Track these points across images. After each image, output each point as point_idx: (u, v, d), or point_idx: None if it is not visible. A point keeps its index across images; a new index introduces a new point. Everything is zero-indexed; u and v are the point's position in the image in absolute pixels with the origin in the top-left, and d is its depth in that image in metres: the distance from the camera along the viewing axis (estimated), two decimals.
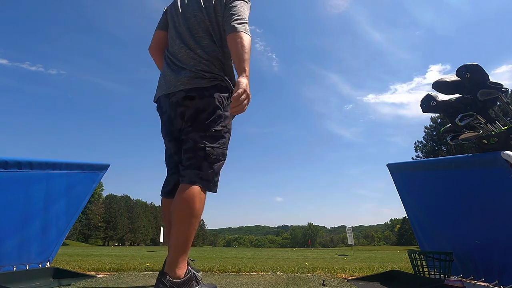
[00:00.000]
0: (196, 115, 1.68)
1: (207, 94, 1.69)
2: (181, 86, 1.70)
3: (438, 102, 2.51)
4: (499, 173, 2.04)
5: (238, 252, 13.64)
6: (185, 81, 1.70)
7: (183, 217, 1.56)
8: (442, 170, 2.60)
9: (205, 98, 1.68)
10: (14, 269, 2.39)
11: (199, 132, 1.67)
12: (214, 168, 1.67)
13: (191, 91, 1.69)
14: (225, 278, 2.78)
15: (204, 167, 1.64)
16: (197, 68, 1.72)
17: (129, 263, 4.25)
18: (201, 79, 1.70)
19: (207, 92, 1.69)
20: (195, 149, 1.65)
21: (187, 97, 1.68)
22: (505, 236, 2.14)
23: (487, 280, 2.24)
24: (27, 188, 2.43)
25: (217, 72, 1.74)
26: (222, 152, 1.72)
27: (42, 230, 2.61)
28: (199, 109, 1.68)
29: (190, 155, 1.66)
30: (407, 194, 3.12)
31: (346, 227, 16.90)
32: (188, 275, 1.56)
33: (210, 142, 1.67)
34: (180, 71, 1.75)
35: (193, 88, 1.69)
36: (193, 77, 1.70)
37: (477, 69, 2.32)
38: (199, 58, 1.74)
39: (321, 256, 10.02)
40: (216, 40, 1.79)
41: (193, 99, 1.68)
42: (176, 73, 1.76)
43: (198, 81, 1.70)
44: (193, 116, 1.68)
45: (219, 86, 1.74)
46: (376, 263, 6.08)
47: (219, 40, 1.80)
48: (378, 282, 2.72)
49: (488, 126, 2.30)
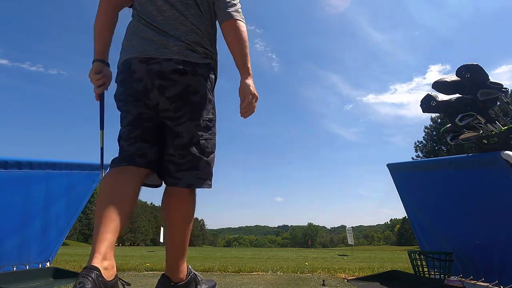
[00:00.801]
0: (185, 96, 1.40)
1: (200, 72, 1.42)
2: (170, 54, 1.38)
3: (438, 102, 2.51)
4: (499, 173, 2.04)
5: (238, 252, 13.63)
6: (175, 50, 1.39)
7: (182, 223, 1.49)
8: (442, 170, 2.60)
9: (197, 77, 1.41)
10: (14, 269, 2.40)
11: (193, 122, 1.43)
12: (210, 164, 1.49)
13: (184, 64, 1.39)
14: (225, 278, 2.78)
15: (201, 165, 1.45)
16: (189, 38, 1.42)
17: (129, 263, 4.25)
18: (193, 53, 1.42)
19: (200, 70, 1.42)
20: (190, 145, 1.43)
21: (178, 70, 1.37)
22: (505, 236, 2.14)
23: (487, 280, 2.24)
24: (27, 188, 2.43)
25: (209, 48, 1.49)
26: (214, 143, 1.52)
27: (42, 230, 2.61)
28: (189, 89, 1.40)
29: (184, 152, 1.42)
30: (407, 194, 3.12)
31: (346, 227, 16.89)
32: (189, 276, 1.55)
33: (204, 134, 1.46)
34: (167, 37, 1.41)
35: (186, 61, 1.39)
36: (185, 48, 1.40)
37: (477, 69, 2.32)
38: (191, 26, 1.44)
39: (321, 256, 10.01)
40: (204, 12, 1.49)
41: (184, 75, 1.38)
42: (161, 35, 1.41)
43: (191, 55, 1.41)
44: (182, 97, 1.39)
45: (211, 65, 1.49)
46: (376, 263, 6.08)
47: (207, 12, 1.50)
48: (378, 282, 2.72)
49: (488, 126, 2.30)
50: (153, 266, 3.82)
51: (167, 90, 1.38)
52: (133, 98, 1.43)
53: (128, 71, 1.42)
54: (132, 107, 1.44)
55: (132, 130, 1.44)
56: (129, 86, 1.43)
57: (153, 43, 1.40)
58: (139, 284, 2.35)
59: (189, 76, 1.39)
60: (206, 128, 1.47)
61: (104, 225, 1.19)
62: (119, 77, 1.47)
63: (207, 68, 1.46)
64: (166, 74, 1.37)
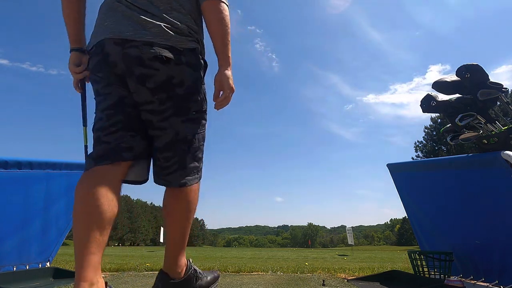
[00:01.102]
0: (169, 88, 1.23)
1: (185, 60, 1.24)
2: (149, 37, 1.18)
3: (438, 102, 2.51)
4: (499, 173, 2.04)
5: (238, 252, 13.63)
6: (155, 31, 1.20)
7: (182, 218, 1.44)
8: (442, 170, 2.60)
9: (181, 66, 1.23)
10: (14, 269, 2.40)
11: (179, 117, 1.27)
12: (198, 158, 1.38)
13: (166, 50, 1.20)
14: (225, 278, 2.78)
15: (188, 163, 1.33)
16: (171, 16, 1.24)
17: (129, 263, 4.25)
18: (176, 35, 1.23)
19: (184, 58, 1.24)
20: (175, 142, 1.29)
21: (159, 58, 1.18)
22: (505, 236, 2.14)
23: (487, 280, 2.24)
24: (27, 188, 2.43)
25: (194, 27, 1.31)
26: (203, 136, 1.39)
27: (42, 230, 2.61)
28: (172, 81, 1.22)
29: (169, 154, 1.30)
30: (407, 194, 3.12)
31: (346, 227, 16.89)
32: (188, 272, 1.50)
33: (191, 129, 1.32)
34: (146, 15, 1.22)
35: (169, 47, 1.20)
36: (166, 28, 1.21)
37: (477, 69, 2.32)
38: (174, 3, 1.26)
39: (321, 256, 10.01)
40: None
41: (167, 63, 1.20)
42: (138, 14, 1.22)
43: (174, 38, 1.22)
44: (165, 89, 1.22)
45: (197, 50, 1.30)
46: (376, 263, 6.08)
47: None
48: (378, 282, 2.72)
49: (488, 126, 2.30)
50: (153, 266, 3.82)
51: (148, 80, 1.20)
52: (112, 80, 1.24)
53: (101, 53, 1.23)
54: (112, 90, 1.25)
55: (112, 115, 1.23)
56: (105, 69, 1.24)
57: (130, 23, 1.20)
58: (139, 284, 2.34)
59: (172, 66, 1.21)
60: (194, 122, 1.32)
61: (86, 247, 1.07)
62: (93, 61, 1.27)
63: (193, 54, 1.28)
64: (145, 61, 1.18)
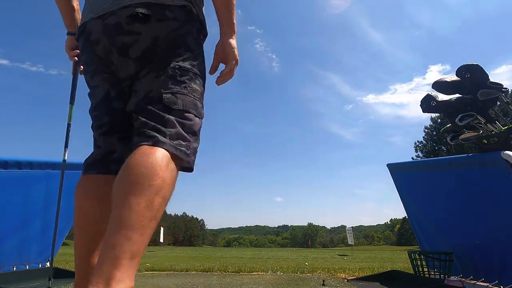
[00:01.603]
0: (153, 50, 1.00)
1: (171, 16, 1.01)
2: (127, 1, 1.00)
3: (438, 102, 2.51)
4: (499, 173, 2.04)
5: (238, 252, 13.64)
6: None
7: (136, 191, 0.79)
8: (442, 170, 2.61)
9: (166, 21, 1.00)
10: (14, 269, 2.40)
11: (154, 72, 0.99)
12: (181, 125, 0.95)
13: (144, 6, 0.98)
14: (225, 278, 2.78)
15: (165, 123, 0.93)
16: None
17: None
18: None
19: (170, 13, 1.01)
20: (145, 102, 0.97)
21: (136, 17, 0.97)
22: (505, 236, 2.14)
23: (487, 280, 2.24)
24: (27, 188, 2.43)
25: None
26: (192, 101, 1.00)
27: (42, 230, 2.61)
28: (157, 43, 0.99)
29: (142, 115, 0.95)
30: (407, 194, 3.13)
31: (346, 227, 16.89)
32: None
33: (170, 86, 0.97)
34: None
35: (147, 3, 0.99)
36: None
37: (477, 69, 2.32)
38: None
39: (321, 256, 10.02)
40: None
41: (146, 22, 0.98)
42: None
43: None
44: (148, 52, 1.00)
45: (188, 9, 1.05)
46: (376, 263, 6.08)
47: None
48: (378, 282, 2.72)
49: (488, 126, 2.30)
50: (153, 266, 3.82)
51: (131, 48, 1.00)
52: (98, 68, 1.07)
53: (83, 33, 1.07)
54: (99, 81, 1.09)
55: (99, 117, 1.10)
56: (89, 53, 1.07)
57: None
58: (139, 284, 2.35)
59: (154, 24, 0.99)
60: (173, 79, 0.99)
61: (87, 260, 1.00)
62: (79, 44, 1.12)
63: (183, 12, 1.03)
64: (124, 27, 0.99)
